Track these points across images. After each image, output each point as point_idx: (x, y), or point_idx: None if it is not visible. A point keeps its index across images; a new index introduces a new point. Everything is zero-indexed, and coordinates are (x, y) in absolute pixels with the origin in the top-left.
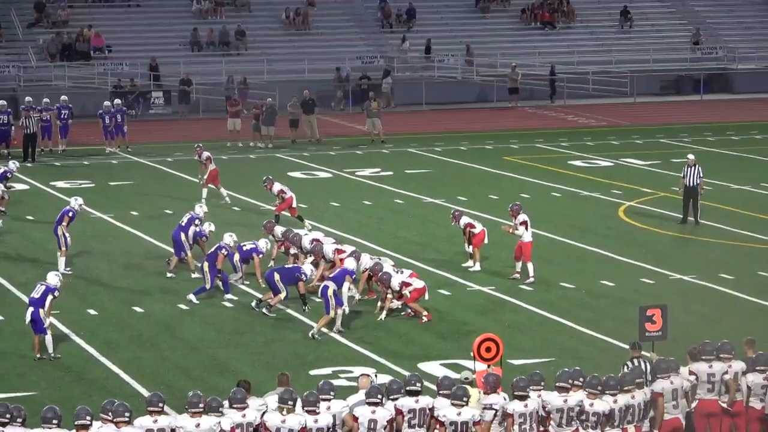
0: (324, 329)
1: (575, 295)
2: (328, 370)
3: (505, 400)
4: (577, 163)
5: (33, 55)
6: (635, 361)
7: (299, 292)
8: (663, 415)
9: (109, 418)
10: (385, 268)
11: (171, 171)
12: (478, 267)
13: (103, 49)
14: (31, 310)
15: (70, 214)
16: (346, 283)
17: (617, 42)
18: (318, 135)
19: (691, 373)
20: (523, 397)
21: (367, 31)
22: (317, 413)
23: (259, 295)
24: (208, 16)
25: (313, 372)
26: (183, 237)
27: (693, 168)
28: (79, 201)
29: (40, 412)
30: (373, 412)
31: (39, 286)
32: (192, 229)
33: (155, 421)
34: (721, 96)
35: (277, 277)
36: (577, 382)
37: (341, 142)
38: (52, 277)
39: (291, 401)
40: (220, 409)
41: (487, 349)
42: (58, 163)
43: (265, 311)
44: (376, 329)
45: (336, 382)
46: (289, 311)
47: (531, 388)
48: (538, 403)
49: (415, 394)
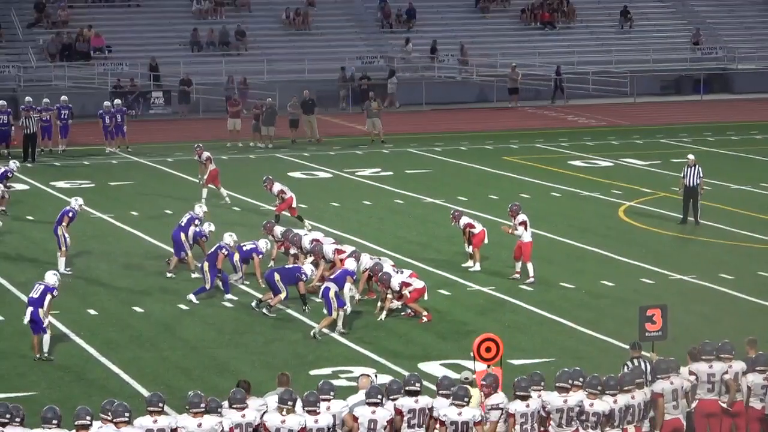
0: (325, 329)
1: (575, 295)
2: (328, 370)
3: (505, 399)
4: (577, 163)
5: (33, 55)
6: (635, 361)
7: (299, 292)
8: (663, 415)
9: (109, 418)
10: (385, 268)
11: (171, 171)
12: (478, 267)
13: (103, 49)
14: (30, 310)
15: (70, 215)
16: (348, 284)
17: (617, 42)
18: (318, 135)
19: (691, 373)
20: (525, 397)
21: (367, 31)
22: (317, 413)
23: (259, 295)
24: (208, 16)
25: (313, 372)
26: (183, 237)
27: (693, 168)
28: (80, 201)
29: (40, 412)
30: (373, 413)
31: (38, 285)
32: (192, 229)
33: (155, 421)
34: (721, 96)
35: (277, 277)
36: (577, 382)
37: (341, 142)
38: (50, 277)
39: (291, 401)
40: (219, 410)
41: (487, 349)
42: (58, 163)
43: (265, 311)
44: (376, 329)
45: (336, 382)
46: (289, 311)
47: (532, 388)
48: (539, 403)
49: (414, 394)
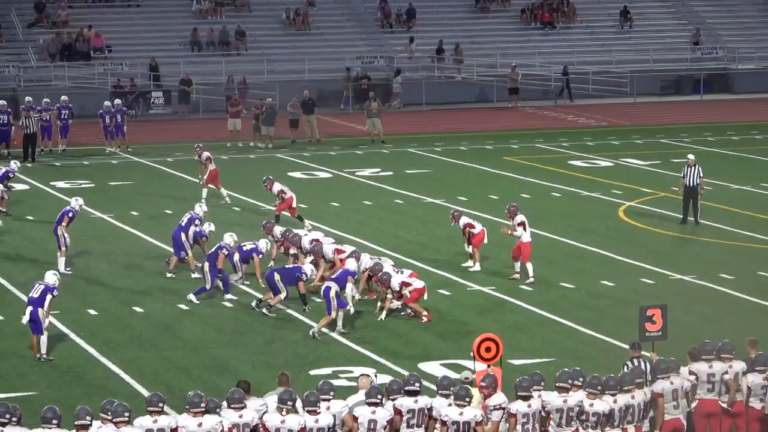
0: (325, 329)
1: (575, 295)
2: (328, 370)
3: (506, 399)
4: (577, 163)
5: (33, 55)
6: (635, 361)
7: (299, 292)
8: (663, 415)
9: (109, 418)
10: (385, 268)
11: (171, 171)
12: (477, 267)
13: (103, 49)
14: (30, 310)
15: (70, 215)
16: (349, 285)
17: (617, 42)
18: (318, 135)
19: (691, 373)
20: (527, 398)
21: (367, 31)
22: (317, 413)
23: (259, 295)
24: (208, 16)
25: (313, 372)
26: (183, 237)
27: (693, 168)
28: (80, 201)
29: (40, 412)
30: (373, 413)
31: (37, 285)
32: (192, 229)
33: (155, 421)
34: (721, 96)
35: (277, 277)
36: (577, 382)
37: (341, 142)
38: (50, 276)
39: (291, 401)
40: (217, 410)
41: (487, 349)
42: (58, 163)
43: (265, 311)
44: (376, 329)
45: (336, 382)
46: (289, 311)
47: (533, 388)
48: (539, 403)
49: (414, 394)
